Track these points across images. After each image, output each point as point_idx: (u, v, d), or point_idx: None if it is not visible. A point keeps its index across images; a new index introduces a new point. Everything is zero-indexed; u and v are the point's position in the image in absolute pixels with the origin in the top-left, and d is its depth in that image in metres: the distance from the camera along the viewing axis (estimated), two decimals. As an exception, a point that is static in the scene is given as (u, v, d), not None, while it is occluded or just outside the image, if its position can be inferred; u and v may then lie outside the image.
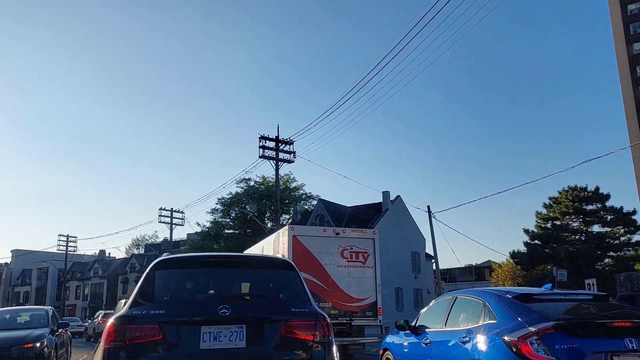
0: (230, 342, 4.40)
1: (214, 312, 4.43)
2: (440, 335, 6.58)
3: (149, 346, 4.26)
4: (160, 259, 5.10)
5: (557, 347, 4.95)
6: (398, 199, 42.40)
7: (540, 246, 34.25)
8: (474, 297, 6.43)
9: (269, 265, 5.54)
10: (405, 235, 41.59)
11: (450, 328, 6.50)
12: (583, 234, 34.00)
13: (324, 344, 4.59)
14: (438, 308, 7.24)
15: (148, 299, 4.60)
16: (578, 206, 33.50)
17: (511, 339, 5.20)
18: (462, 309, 6.58)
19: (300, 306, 4.75)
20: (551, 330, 5.06)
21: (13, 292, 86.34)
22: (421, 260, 43.91)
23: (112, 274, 73.84)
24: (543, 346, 4.99)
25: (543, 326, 5.11)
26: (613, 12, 56.87)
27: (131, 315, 4.37)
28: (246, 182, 44.80)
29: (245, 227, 45.97)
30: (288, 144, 31.25)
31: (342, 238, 13.78)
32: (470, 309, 6.33)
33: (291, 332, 4.53)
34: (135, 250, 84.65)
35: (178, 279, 4.98)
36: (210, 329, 4.39)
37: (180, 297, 4.81)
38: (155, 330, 4.29)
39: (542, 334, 5.05)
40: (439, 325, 6.82)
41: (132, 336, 4.26)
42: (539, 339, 5.03)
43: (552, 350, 4.94)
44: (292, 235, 13.35)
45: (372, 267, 13.85)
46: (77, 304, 77.09)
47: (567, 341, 4.98)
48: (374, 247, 14.08)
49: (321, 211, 42.39)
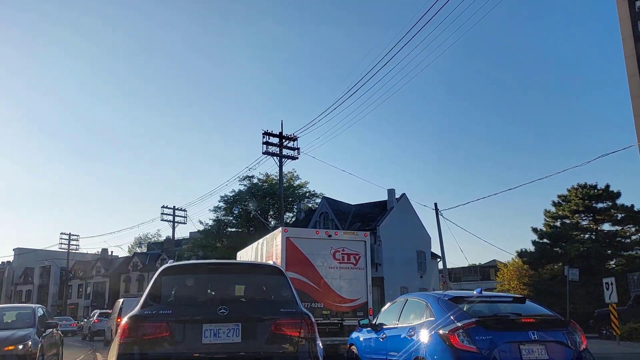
0: (228, 337, 5.11)
1: (214, 312, 5.12)
2: (393, 331, 7.81)
3: (158, 341, 4.93)
4: (166, 266, 5.84)
5: (477, 338, 6.17)
6: (403, 197, 41.78)
7: (550, 245, 33.56)
8: (420, 299, 7.75)
9: (261, 271, 6.37)
10: (410, 234, 40.99)
11: (401, 325, 7.75)
12: (593, 232, 33.32)
13: (308, 340, 5.31)
14: (393, 308, 8.50)
15: (157, 300, 5.34)
16: (588, 204, 32.82)
17: (444, 332, 6.41)
18: (410, 309, 7.83)
19: (289, 307, 5.47)
20: (473, 325, 6.27)
21: (15, 290, 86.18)
22: (427, 259, 43.31)
23: (114, 272, 73.46)
24: (467, 338, 6.19)
25: (467, 322, 6.33)
26: (621, 8, 56.04)
27: (143, 314, 5.07)
28: (249, 180, 44.20)
29: (248, 226, 45.40)
30: (292, 140, 30.73)
31: (334, 240, 14.08)
32: (417, 309, 7.59)
33: (280, 329, 5.25)
34: (138, 249, 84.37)
35: (182, 283, 5.72)
36: (210, 327, 5.08)
37: (184, 299, 5.56)
38: (163, 328, 4.97)
39: (466, 328, 6.26)
40: (393, 322, 8.05)
41: (143, 333, 4.92)
42: (464, 332, 6.24)
43: (474, 341, 6.15)
44: (286, 237, 13.61)
45: (364, 268, 14.18)
46: (80, 302, 76.81)
47: (485, 334, 6.20)
48: (366, 249, 14.44)
49: (325, 209, 41.82)
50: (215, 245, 44.71)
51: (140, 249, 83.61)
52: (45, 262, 77.35)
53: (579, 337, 6.56)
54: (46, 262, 76.93)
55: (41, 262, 78.77)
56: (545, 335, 6.34)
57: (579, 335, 6.59)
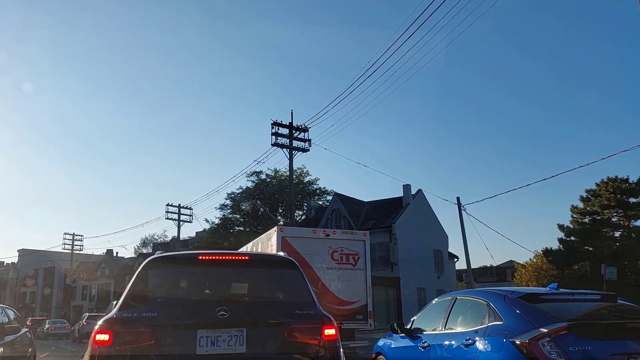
0: (230, 347, 4.21)
1: (211, 315, 4.24)
2: (440, 338, 6.23)
3: (140, 351, 4.03)
4: (153, 257, 4.87)
5: (571, 349, 4.70)
6: (419, 193, 39.76)
7: (578, 243, 31.58)
8: (475, 298, 6.17)
9: (270, 263, 5.35)
10: (427, 232, 39.02)
11: (450, 330, 6.20)
12: (626, 229, 31.28)
13: (329, 349, 4.42)
14: (435, 310, 6.92)
15: (140, 300, 4.41)
16: (620, 199, 30.80)
17: (522, 341, 4.92)
18: (462, 311, 6.28)
19: (305, 308, 4.58)
20: (564, 332, 4.83)
21: (19, 292, 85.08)
22: (444, 259, 41.33)
23: (119, 274, 72.04)
24: (556, 348, 4.73)
25: (556, 327, 4.86)
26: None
27: (121, 318, 4.17)
28: (257, 176, 42.40)
29: (256, 224, 43.67)
30: (303, 131, 28.84)
31: (332, 240, 13.69)
32: (472, 310, 6.04)
33: (295, 336, 4.34)
34: (144, 250, 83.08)
35: (172, 279, 4.81)
36: (207, 333, 4.20)
37: (174, 298, 4.62)
38: (147, 335, 4.07)
39: (555, 335, 4.81)
40: (437, 327, 6.50)
41: (121, 341, 4.04)
42: (552, 341, 4.78)
43: (566, 352, 4.68)
44: (281, 236, 13.25)
45: (363, 269, 13.75)
46: (84, 304, 75.50)
47: (582, 343, 4.73)
48: (365, 249, 13.96)
49: (337, 206, 39.93)
50: (222, 244, 43.08)
51: (146, 250, 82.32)
52: (48, 263, 76.19)
53: None
54: (49, 263, 75.75)
55: (45, 263, 77.65)
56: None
57: None
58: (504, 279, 59.97)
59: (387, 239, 36.21)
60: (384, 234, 36.25)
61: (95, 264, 77.23)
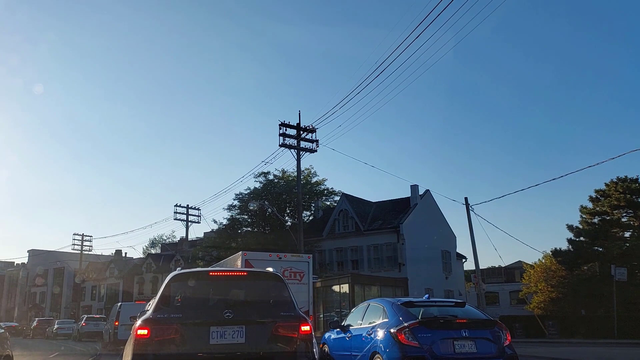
0: (233, 339, 5.71)
1: (220, 315, 5.75)
2: (357, 331, 9.22)
3: (169, 342, 5.56)
4: (175, 274, 6.40)
5: (419, 335, 7.66)
6: (427, 193, 39.64)
7: (587, 243, 31.30)
8: (378, 304, 9.19)
9: (263, 277, 6.78)
10: (435, 233, 38.85)
11: (363, 325, 9.11)
12: (636, 229, 30.98)
13: (305, 340, 5.93)
14: (359, 311, 9.91)
15: (167, 304, 5.90)
16: (630, 199, 30.51)
17: (394, 331, 7.88)
18: (371, 312, 9.19)
19: (287, 310, 6.09)
20: (417, 325, 7.79)
21: (29, 292, 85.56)
22: (452, 260, 41.15)
23: (128, 274, 72.24)
24: (411, 335, 7.67)
25: (412, 322, 7.85)
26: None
27: (155, 318, 5.67)
28: (265, 176, 42.34)
29: (264, 225, 43.63)
30: (310, 132, 28.83)
31: (283, 261, 17.36)
32: (375, 312, 9.00)
33: (280, 331, 5.86)
34: (152, 250, 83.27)
35: (190, 289, 6.23)
36: (217, 329, 5.71)
37: (192, 303, 6.10)
38: (174, 330, 5.59)
39: (412, 327, 7.75)
40: (358, 323, 9.44)
41: (156, 334, 5.53)
42: (409, 331, 7.72)
43: (417, 338, 7.64)
44: (245, 259, 16.88)
45: (307, 283, 17.62)
46: (93, 304, 75.78)
47: (426, 332, 7.70)
48: (309, 268, 17.85)
49: (345, 207, 39.89)
50: (230, 245, 42.97)
51: (155, 250, 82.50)
52: (58, 263, 76.54)
53: (504, 335, 8.01)
54: (59, 263, 76.10)
55: (55, 263, 78.04)
56: (475, 333, 7.81)
57: (504, 333, 8.03)
58: (513, 280, 59.32)
59: (394, 239, 36.13)
60: (392, 235, 36.17)
61: (104, 264, 77.50)
